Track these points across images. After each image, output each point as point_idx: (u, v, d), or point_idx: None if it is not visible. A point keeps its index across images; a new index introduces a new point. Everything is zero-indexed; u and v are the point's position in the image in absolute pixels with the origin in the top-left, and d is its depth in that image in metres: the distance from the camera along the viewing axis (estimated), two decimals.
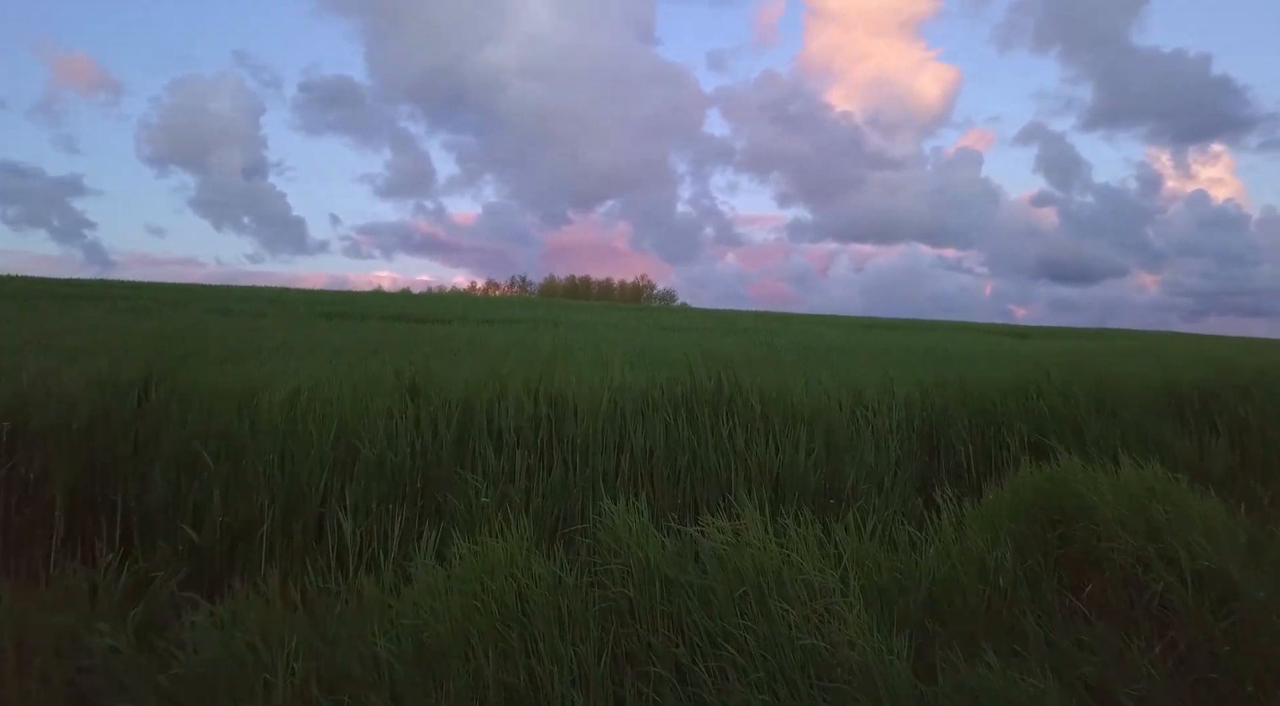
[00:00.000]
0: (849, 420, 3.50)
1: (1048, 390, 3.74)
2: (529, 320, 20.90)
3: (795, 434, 3.09)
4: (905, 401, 3.81)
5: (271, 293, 26.71)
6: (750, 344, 13.88)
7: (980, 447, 3.61)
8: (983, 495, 2.78)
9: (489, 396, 3.08)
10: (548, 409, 2.96)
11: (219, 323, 13.40)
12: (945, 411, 3.69)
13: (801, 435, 3.07)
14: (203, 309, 18.86)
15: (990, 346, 20.30)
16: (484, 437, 2.91)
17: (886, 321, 39.10)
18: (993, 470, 3.60)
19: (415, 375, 3.35)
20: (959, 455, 3.59)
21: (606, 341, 11.57)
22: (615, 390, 3.39)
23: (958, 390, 3.98)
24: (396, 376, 3.22)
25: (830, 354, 11.42)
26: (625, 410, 3.21)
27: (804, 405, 3.29)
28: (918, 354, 12.74)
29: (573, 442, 2.93)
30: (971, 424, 3.63)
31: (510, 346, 10.32)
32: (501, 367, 4.39)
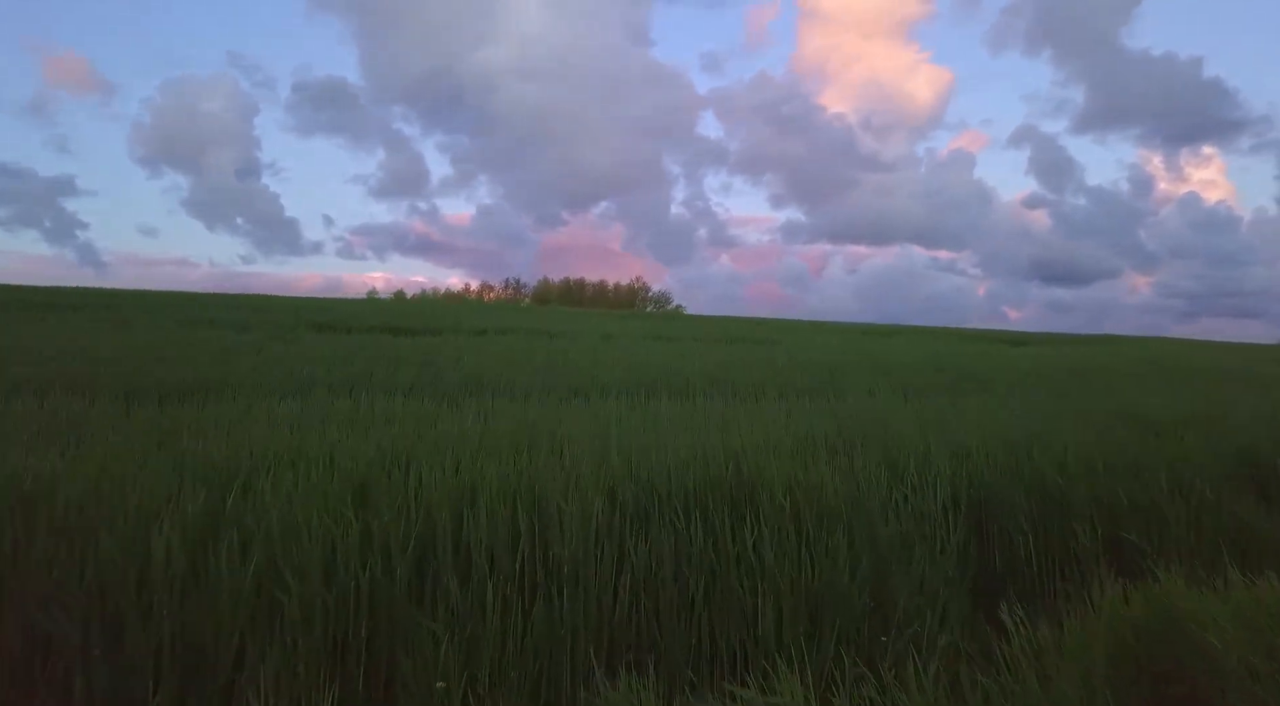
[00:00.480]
0: (888, 504, 2.97)
1: (1119, 468, 3.21)
2: (522, 330, 20.36)
3: (832, 539, 2.55)
4: (950, 478, 3.28)
5: (258, 300, 26.08)
6: (750, 358, 13.39)
7: (1042, 537, 3.08)
8: (1061, 619, 2.27)
9: (456, 505, 2.50)
10: (528, 518, 2.42)
11: (194, 340, 12.82)
12: (997, 491, 3.17)
13: (840, 540, 2.54)
14: (181, 319, 18.27)
15: (992, 355, 19.88)
16: (447, 557, 2.35)
17: (883, 328, 38.62)
18: (1058, 566, 3.07)
19: (369, 472, 2.73)
20: (1016, 546, 3.06)
21: (601, 364, 11.04)
22: (613, 477, 2.84)
23: (1007, 458, 3.46)
24: (349, 477, 2.66)
25: (836, 374, 10.91)
26: (625, 505, 2.66)
27: (838, 493, 2.75)
28: (926, 372, 12.25)
29: (559, 565, 2.37)
30: (1031, 507, 3.11)
31: (499, 370, 9.79)
32: (478, 443, 3.82)
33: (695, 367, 11.62)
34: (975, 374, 12.65)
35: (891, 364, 13.07)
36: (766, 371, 11.10)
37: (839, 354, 15.21)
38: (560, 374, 10.09)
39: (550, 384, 8.76)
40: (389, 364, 9.74)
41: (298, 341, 15.02)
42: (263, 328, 17.87)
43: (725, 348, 19.38)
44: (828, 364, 12.19)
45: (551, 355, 13.06)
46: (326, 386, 7.67)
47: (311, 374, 7.89)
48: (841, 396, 9.38)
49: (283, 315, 20.86)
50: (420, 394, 7.68)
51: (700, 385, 9.27)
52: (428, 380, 8.23)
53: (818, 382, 10.14)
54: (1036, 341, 34.46)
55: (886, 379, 10.74)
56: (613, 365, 11.52)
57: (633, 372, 10.47)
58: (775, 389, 9.51)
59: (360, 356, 10.57)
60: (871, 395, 8.98)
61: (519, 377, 9.13)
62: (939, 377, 11.22)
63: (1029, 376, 12.94)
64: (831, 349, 19.30)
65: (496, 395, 8.24)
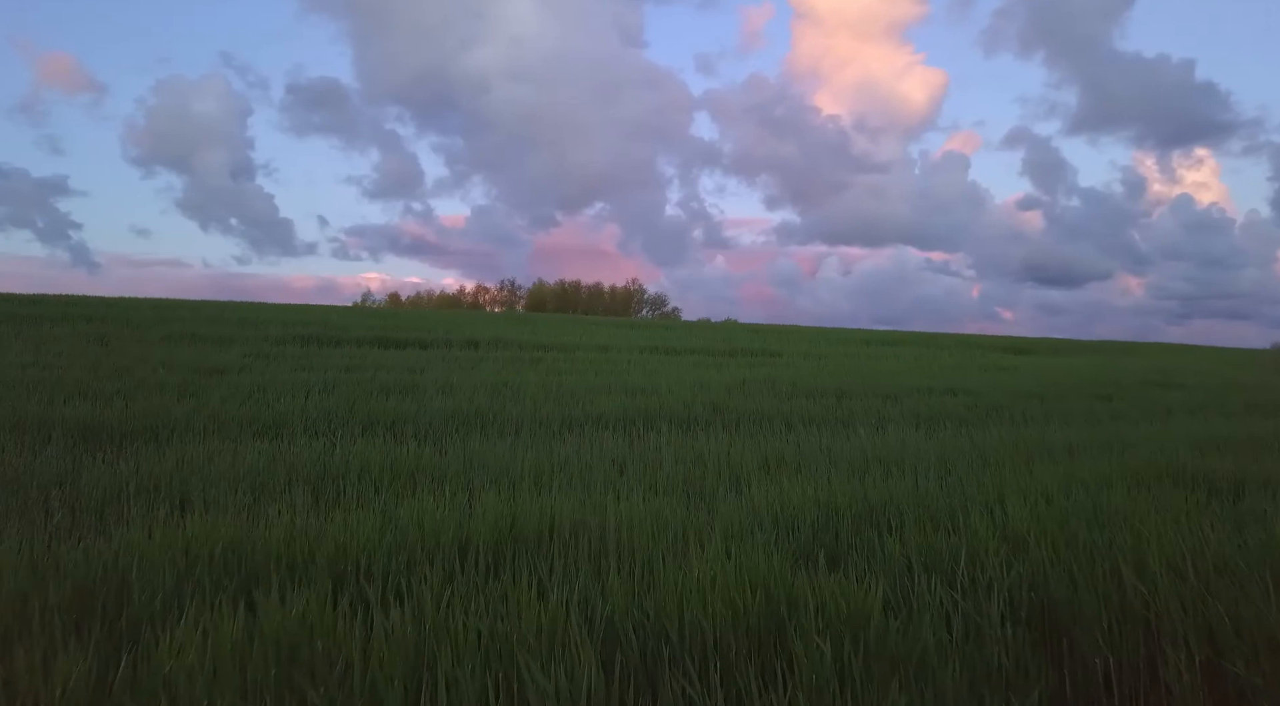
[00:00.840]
0: (939, 618, 2.44)
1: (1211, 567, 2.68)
2: (516, 344, 19.80)
3: (887, 699, 2.02)
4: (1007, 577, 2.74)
5: (246, 310, 25.44)
6: (753, 378, 12.85)
7: (1124, 659, 2.54)
8: None
9: (412, 672, 1.94)
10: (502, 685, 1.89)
11: (171, 360, 12.24)
12: (1063, 596, 2.65)
13: (897, 700, 2.00)
14: (164, 333, 17.67)
15: (1000, 369, 19.37)
16: None
17: (884, 335, 38.17)
18: (1144, 697, 2.53)
19: (302, 629, 2.16)
20: (1093, 669, 2.54)
21: (597, 388, 10.49)
22: (613, 607, 2.32)
23: (1073, 553, 2.92)
24: (276, 640, 2.12)
25: (844, 400, 10.37)
26: (627, 658, 2.13)
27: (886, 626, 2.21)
28: (937, 395, 11.72)
29: None
30: (1108, 619, 2.58)
31: (488, 398, 9.22)
32: (453, 536, 3.26)
33: (696, 391, 11.09)
34: (986, 395, 12.13)
35: (900, 387, 12.54)
36: (770, 397, 10.55)
37: (844, 376, 14.66)
38: (554, 400, 9.54)
39: (542, 415, 8.21)
40: (371, 393, 9.18)
41: (282, 357, 14.47)
42: (247, 342, 17.28)
43: (725, 361, 18.85)
44: (834, 389, 11.65)
45: (545, 377, 12.52)
46: (302, 422, 7.12)
47: (285, 414, 7.32)
48: (851, 426, 8.86)
49: (269, 328, 20.26)
50: (402, 429, 7.13)
51: (702, 414, 8.73)
52: (411, 412, 7.67)
53: (825, 411, 9.61)
54: (1039, 349, 33.99)
55: (897, 407, 10.21)
56: (609, 389, 10.98)
57: (631, 398, 9.93)
58: (781, 417, 8.98)
59: (342, 383, 10.01)
60: (882, 428, 8.45)
61: (509, 407, 8.58)
62: (952, 404, 10.69)
63: (1046, 397, 12.42)
64: (835, 366, 18.78)
65: (485, 427, 7.70)
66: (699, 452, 6.19)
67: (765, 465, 5.78)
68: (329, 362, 13.27)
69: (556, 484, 4.87)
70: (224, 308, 26.95)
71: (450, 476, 4.90)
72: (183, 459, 5.06)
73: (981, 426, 9.09)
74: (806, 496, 4.13)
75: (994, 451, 6.80)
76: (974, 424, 9.18)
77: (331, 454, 5.32)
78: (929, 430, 8.68)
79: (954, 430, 8.52)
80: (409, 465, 5.01)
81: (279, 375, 10.96)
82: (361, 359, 14.59)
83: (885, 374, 16.61)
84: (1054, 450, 7.37)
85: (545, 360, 16.17)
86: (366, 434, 6.98)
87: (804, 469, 5.63)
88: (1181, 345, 56.71)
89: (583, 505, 3.83)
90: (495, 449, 5.95)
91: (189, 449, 5.59)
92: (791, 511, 3.96)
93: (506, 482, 4.82)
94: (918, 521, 3.82)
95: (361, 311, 34.44)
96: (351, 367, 12.60)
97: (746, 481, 5.01)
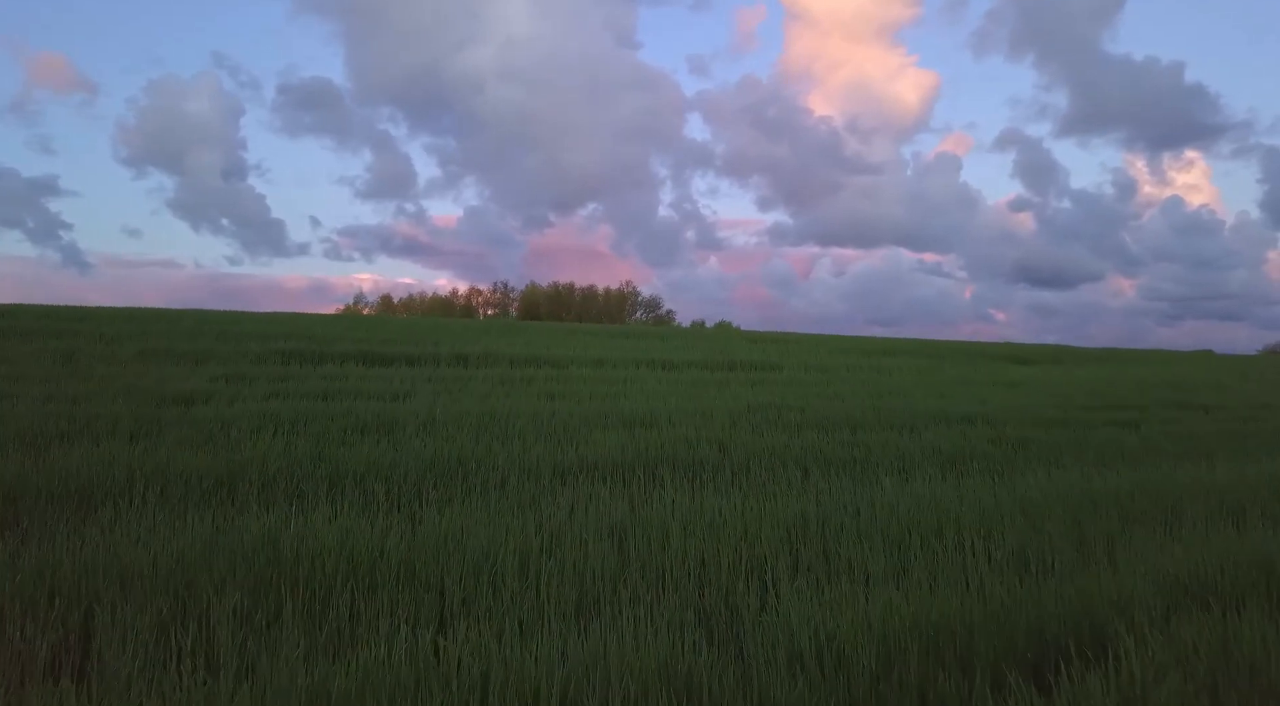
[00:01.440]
0: None
1: None
2: (507, 359, 18.98)
3: None
4: None
5: (226, 321, 24.51)
6: (757, 402, 12.08)
7: None
8: None
9: None
10: None
11: (135, 387, 11.41)
12: None
13: None
14: (139, 349, 16.81)
15: (1009, 385, 18.66)
16: None
17: (880, 342, 37.54)
18: None
19: None
20: None
21: (593, 420, 9.69)
22: None
23: None
24: None
25: (859, 432, 9.59)
26: None
27: None
28: (952, 423, 10.97)
29: None
30: None
31: (472, 438, 8.42)
32: None
33: (699, 423, 10.32)
34: (1007, 423, 11.40)
35: (914, 413, 11.80)
36: (779, 431, 9.78)
37: (851, 396, 13.92)
38: (545, 436, 8.76)
39: (531, 460, 7.42)
40: (345, 431, 8.38)
41: (257, 379, 13.64)
42: (224, 359, 16.45)
43: (725, 377, 18.06)
44: (846, 418, 10.89)
45: (536, 402, 11.74)
46: (260, 477, 6.31)
47: (243, 464, 6.50)
48: (871, 468, 8.10)
49: (249, 342, 19.39)
50: (373, 485, 6.33)
51: (708, 457, 7.95)
52: (385, 462, 6.86)
53: (840, 448, 8.84)
54: (1039, 358, 33.36)
55: (916, 441, 9.45)
56: (605, 418, 10.20)
57: (629, 432, 9.15)
58: (794, 458, 8.21)
59: (315, 416, 9.20)
60: (907, 474, 7.69)
61: (496, 449, 7.79)
62: (974, 437, 9.93)
63: (1069, 424, 11.69)
64: (839, 383, 18.06)
65: (468, 477, 6.92)
66: (710, 518, 5.41)
67: (789, 541, 5.00)
68: (306, 387, 12.44)
69: (545, 580, 4.08)
70: (205, 318, 26.02)
71: (419, 570, 4.10)
72: (102, 546, 4.25)
73: (1013, 468, 8.35)
74: (856, 620, 3.35)
75: (1041, 511, 6.03)
76: (1004, 465, 8.42)
77: (283, 533, 4.50)
78: (958, 475, 7.94)
79: (985, 475, 7.77)
80: (369, 555, 4.20)
81: (249, 405, 10.14)
82: (342, 381, 13.78)
83: (893, 392, 15.87)
84: (1098, 500, 6.63)
85: (537, 380, 15.38)
86: (333, 491, 6.19)
87: (836, 547, 4.85)
88: (1176, 352, 56.32)
89: (579, 643, 3.05)
90: (476, 519, 5.14)
91: (117, 527, 4.79)
92: (840, 642, 3.18)
93: (487, 581, 4.03)
94: (1004, 653, 3.05)
95: (348, 320, 33.58)
96: (329, 394, 11.78)
97: (774, 581, 4.22)
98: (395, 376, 15.10)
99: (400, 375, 15.35)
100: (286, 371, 14.96)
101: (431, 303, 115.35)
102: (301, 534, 4.45)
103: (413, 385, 13.89)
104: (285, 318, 31.66)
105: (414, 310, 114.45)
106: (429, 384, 13.99)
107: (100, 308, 28.05)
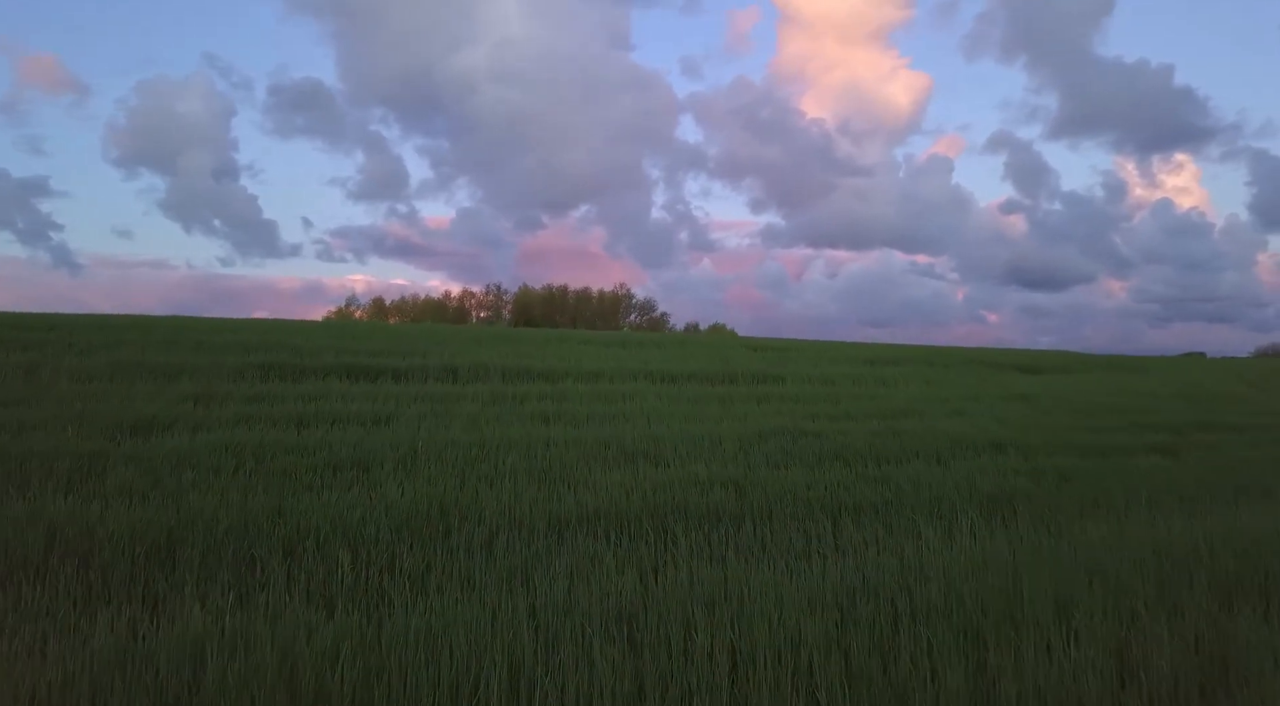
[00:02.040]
0: None
1: None
2: (498, 372, 18.04)
3: None
4: None
5: (205, 331, 23.43)
6: (768, 428, 11.22)
7: None
8: None
9: None
10: None
11: (93, 411, 10.46)
12: None
13: None
14: (109, 361, 15.81)
15: (1024, 399, 17.85)
16: None
17: (882, 349, 36.77)
18: None
19: None
20: None
21: (593, 454, 8.78)
22: None
23: None
24: None
25: (884, 466, 8.70)
26: None
27: None
28: (980, 450, 10.11)
29: None
30: None
31: (454, 480, 7.52)
32: None
33: (708, 454, 9.45)
34: (1038, 450, 10.56)
35: (935, 435, 10.96)
36: (799, 465, 8.91)
37: (865, 421, 13.07)
38: (539, 477, 7.87)
39: (523, 510, 6.52)
40: (314, 471, 7.47)
41: (228, 399, 12.70)
42: (198, 374, 15.44)
43: (728, 392, 17.16)
44: (868, 446, 10.02)
45: (529, 428, 10.84)
46: (204, 543, 5.39)
47: (187, 522, 5.58)
48: (908, 518, 7.23)
49: (228, 352, 18.41)
50: (336, 552, 5.41)
51: (725, 504, 7.06)
52: (354, 520, 5.94)
53: (867, 486, 7.97)
54: (1045, 366, 32.56)
55: (948, 475, 8.59)
56: (606, 450, 9.32)
57: (632, 469, 8.28)
58: (819, 502, 7.34)
59: (283, 452, 8.28)
60: (948, 523, 6.83)
61: (483, 494, 6.90)
62: (1008, 469, 9.07)
63: (1104, 452, 10.84)
64: (847, 399, 17.21)
65: (449, 534, 6.01)
66: (738, 604, 4.51)
67: (837, 635, 4.11)
68: (280, 410, 11.50)
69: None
70: (183, 327, 24.94)
71: (378, 701, 3.20)
72: None
73: (1062, 510, 7.49)
74: None
75: (1122, 583, 5.15)
76: (1052, 508, 7.56)
77: (210, 646, 3.58)
78: (1003, 521, 7.07)
79: (1036, 523, 6.90)
80: (315, 676, 3.30)
81: (213, 435, 9.20)
82: (321, 401, 12.83)
83: (906, 410, 15.02)
84: (1178, 559, 5.78)
85: (530, 397, 14.46)
86: (289, 560, 5.27)
87: (893, 643, 3.96)
88: (1174, 357, 55.76)
89: None
90: (457, 613, 4.23)
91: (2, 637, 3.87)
92: None
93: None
94: None
95: (336, 327, 32.54)
96: (305, 419, 10.84)
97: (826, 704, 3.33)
98: (379, 393, 14.17)
99: (385, 392, 14.42)
100: (263, 389, 14.00)
101: (424, 305, 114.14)
102: (234, 644, 3.52)
103: (397, 405, 12.97)
104: (269, 325, 30.60)
105: (406, 313, 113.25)
106: (415, 404, 13.07)
107: (76, 315, 26.94)
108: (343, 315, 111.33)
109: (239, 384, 14.59)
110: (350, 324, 41.20)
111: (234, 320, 32.31)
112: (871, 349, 36.48)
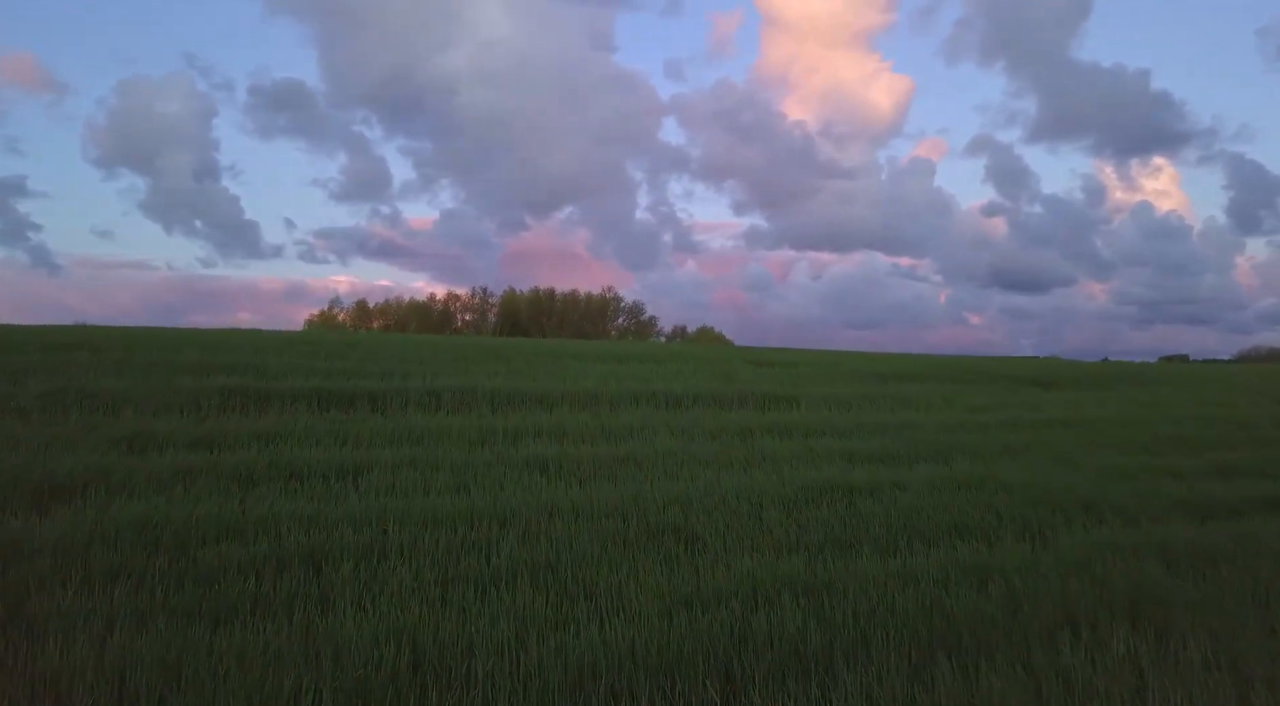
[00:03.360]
0: None
1: None
2: (484, 397, 16.16)
3: None
4: None
5: (165, 346, 21.37)
6: (804, 482, 9.45)
7: None
8: None
9: None
10: None
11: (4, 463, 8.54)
12: None
13: None
14: (44, 391, 13.79)
15: (1054, 424, 16.22)
16: None
17: (896, 365, 35.26)
18: None
19: None
20: None
21: (605, 529, 6.96)
22: None
23: None
24: None
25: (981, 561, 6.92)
26: None
27: None
28: (1070, 510, 8.36)
29: None
30: None
31: (431, 566, 5.68)
32: None
33: (749, 523, 7.67)
34: (1134, 513, 8.85)
35: (1009, 489, 9.25)
36: (862, 539, 7.12)
37: (912, 466, 11.35)
38: (543, 588, 6.05)
39: (529, 668, 4.69)
40: (248, 575, 5.61)
41: (170, 444, 10.77)
42: (143, 405, 13.50)
43: (743, 421, 15.37)
44: (941, 511, 8.25)
45: (525, 497, 9.01)
46: None
47: None
48: (1039, 649, 5.47)
49: (186, 374, 16.40)
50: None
51: (801, 627, 5.25)
52: (285, 695, 4.09)
53: (967, 588, 6.19)
54: (1060, 380, 31.03)
55: (1054, 561, 6.83)
56: (623, 523, 7.51)
57: (669, 573, 6.49)
58: (918, 612, 5.55)
59: (212, 537, 6.42)
60: (1092, 657, 5.06)
61: (471, 631, 5.07)
62: (1119, 547, 7.31)
63: (1211, 509, 9.13)
64: (871, 429, 15.47)
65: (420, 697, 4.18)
66: None
67: None
68: (228, 460, 9.58)
69: None
70: (142, 340, 22.90)
71: None
72: None
73: (1229, 628, 5.72)
74: None
75: None
76: (1216, 621, 5.79)
77: None
78: (1159, 638, 5.30)
79: (1210, 644, 5.14)
80: None
81: (129, 507, 7.30)
82: (280, 446, 10.92)
83: (950, 448, 13.24)
84: None
85: (524, 435, 12.60)
86: None
87: None
88: (1170, 363, 54.57)
89: None
90: None
91: None
92: None
93: None
94: None
95: (312, 339, 30.46)
96: (254, 475, 8.97)
97: None
98: (351, 431, 12.28)
99: (358, 428, 12.52)
100: (214, 427, 12.06)
101: (409, 308, 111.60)
102: None
103: (370, 449, 11.10)
104: (240, 337, 28.51)
105: (390, 315, 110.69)
106: (390, 448, 11.20)
107: (16, 326, 24.81)
108: (326, 317, 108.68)
109: (187, 419, 12.63)
110: (327, 335, 39.11)
111: (203, 332, 30.23)
112: (876, 361, 34.84)
